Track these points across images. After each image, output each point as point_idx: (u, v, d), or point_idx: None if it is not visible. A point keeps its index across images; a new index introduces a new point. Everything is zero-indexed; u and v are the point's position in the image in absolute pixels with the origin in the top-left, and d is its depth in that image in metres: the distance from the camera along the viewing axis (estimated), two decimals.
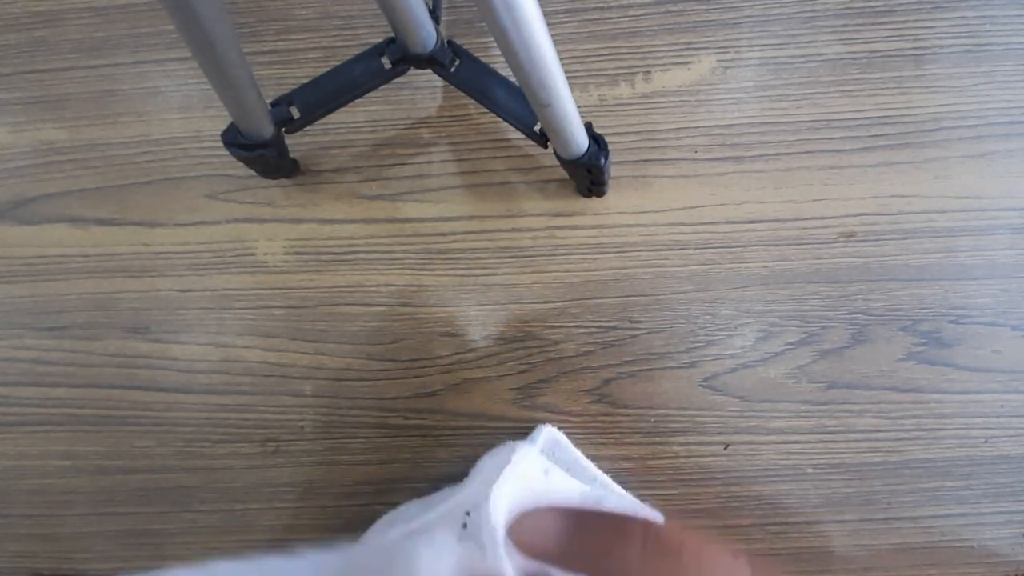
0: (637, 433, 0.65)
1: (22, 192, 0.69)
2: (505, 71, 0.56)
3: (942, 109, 0.65)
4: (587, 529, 0.24)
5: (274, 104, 0.57)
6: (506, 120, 0.58)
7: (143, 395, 0.68)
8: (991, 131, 0.65)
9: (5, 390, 0.69)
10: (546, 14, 0.41)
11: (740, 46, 0.66)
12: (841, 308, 0.65)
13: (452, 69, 0.58)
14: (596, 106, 0.66)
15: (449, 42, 0.57)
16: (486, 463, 0.54)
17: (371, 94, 0.60)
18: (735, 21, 0.67)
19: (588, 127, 0.56)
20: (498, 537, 0.35)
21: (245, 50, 0.46)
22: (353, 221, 0.67)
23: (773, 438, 0.65)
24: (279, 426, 0.67)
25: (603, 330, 0.65)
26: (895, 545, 0.65)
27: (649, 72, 0.66)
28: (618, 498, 0.51)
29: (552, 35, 0.43)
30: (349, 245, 0.67)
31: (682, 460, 0.65)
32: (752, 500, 0.65)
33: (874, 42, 0.66)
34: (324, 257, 0.67)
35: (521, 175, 0.66)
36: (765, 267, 0.65)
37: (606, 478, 0.60)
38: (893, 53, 0.66)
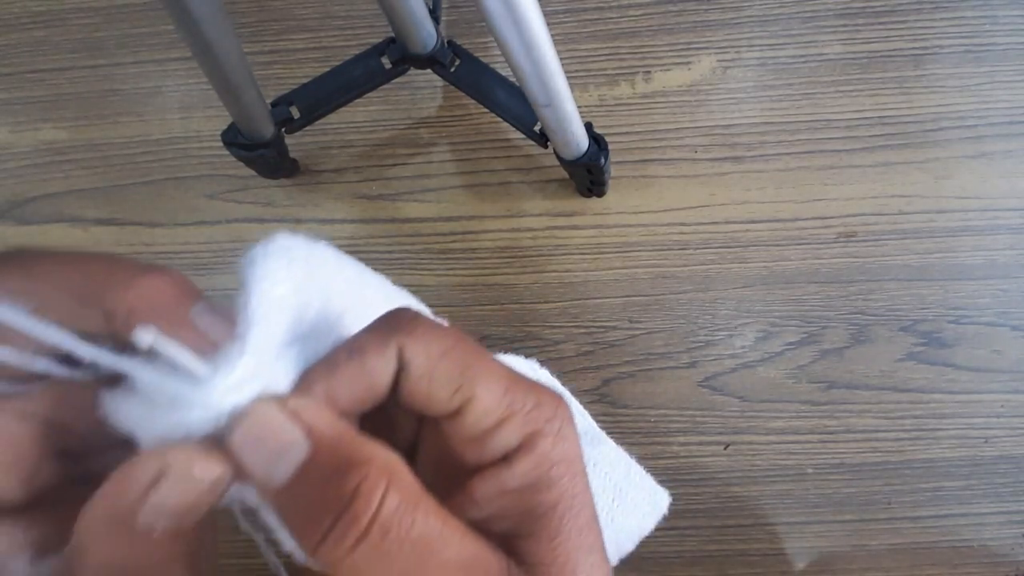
0: (637, 433, 0.65)
1: (22, 192, 0.69)
2: (505, 71, 0.56)
3: (942, 109, 0.65)
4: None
5: (274, 104, 0.57)
6: (506, 120, 0.58)
7: None
8: (991, 131, 0.65)
9: None
10: (546, 14, 0.41)
11: (740, 46, 0.66)
12: (841, 308, 0.65)
13: (452, 69, 0.57)
14: (596, 106, 0.66)
15: (449, 42, 0.57)
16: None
17: (371, 94, 0.60)
18: (735, 21, 0.67)
19: (588, 127, 0.56)
20: None
21: (245, 50, 0.46)
22: (353, 221, 0.67)
23: (773, 438, 0.65)
24: None
25: (603, 330, 0.65)
26: (895, 545, 0.65)
27: (649, 72, 0.66)
28: (613, 450, 0.46)
29: (552, 35, 0.42)
30: (349, 245, 0.67)
31: (682, 460, 0.65)
32: (752, 500, 0.65)
33: (874, 42, 0.66)
34: None
35: (521, 175, 0.66)
36: (765, 267, 0.65)
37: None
38: (893, 53, 0.66)
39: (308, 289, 0.19)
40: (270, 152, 0.58)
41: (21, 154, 0.69)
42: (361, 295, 0.21)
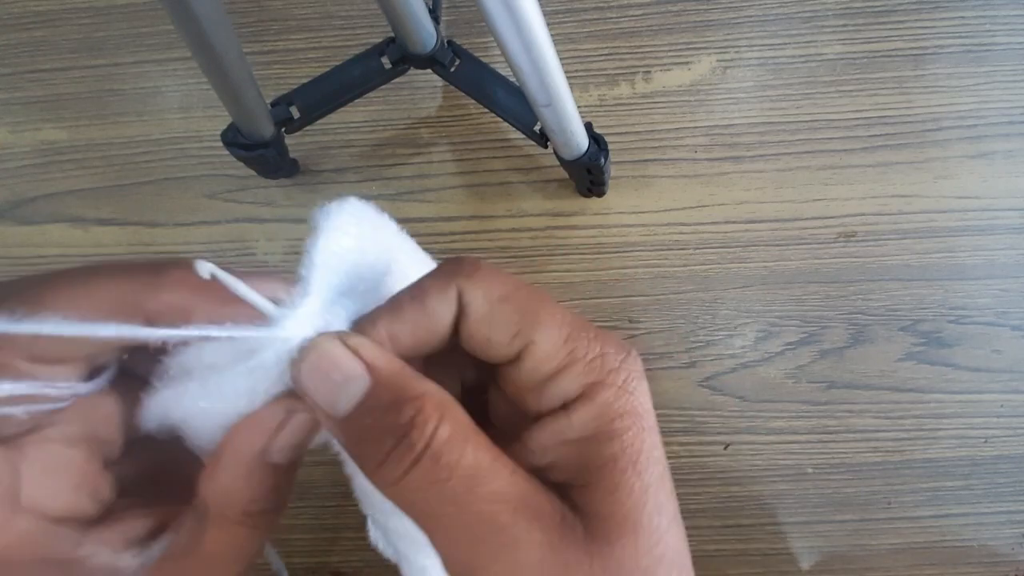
0: None
1: (22, 192, 0.69)
2: (505, 71, 0.56)
3: (942, 109, 0.65)
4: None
5: (274, 104, 0.57)
6: (506, 120, 0.58)
7: None
8: (991, 131, 0.65)
9: None
10: (546, 14, 0.41)
11: (740, 46, 0.66)
12: (841, 308, 0.65)
13: (452, 69, 0.57)
14: (596, 106, 0.66)
15: (449, 42, 0.57)
16: None
17: (371, 94, 0.60)
18: (735, 21, 0.67)
19: (588, 127, 0.56)
20: None
21: (245, 50, 0.46)
22: None
23: (773, 438, 0.65)
24: None
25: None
26: (895, 545, 0.65)
27: (649, 72, 0.66)
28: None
29: (552, 35, 0.42)
30: None
31: (682, 460, 0.65)
32: (752, 500, 0.65)
33: (874, 42, 0.66)
34: None
35: (521, 175, 0.66)
36: (765, 267, 0.65)
37: None
38: (893, 53, 0.66)
39: (374, 249, 0.20)
40: (270, 152, 0.58)
41: (21, 154, 0.69)
42: (422, 269, 0.22)
